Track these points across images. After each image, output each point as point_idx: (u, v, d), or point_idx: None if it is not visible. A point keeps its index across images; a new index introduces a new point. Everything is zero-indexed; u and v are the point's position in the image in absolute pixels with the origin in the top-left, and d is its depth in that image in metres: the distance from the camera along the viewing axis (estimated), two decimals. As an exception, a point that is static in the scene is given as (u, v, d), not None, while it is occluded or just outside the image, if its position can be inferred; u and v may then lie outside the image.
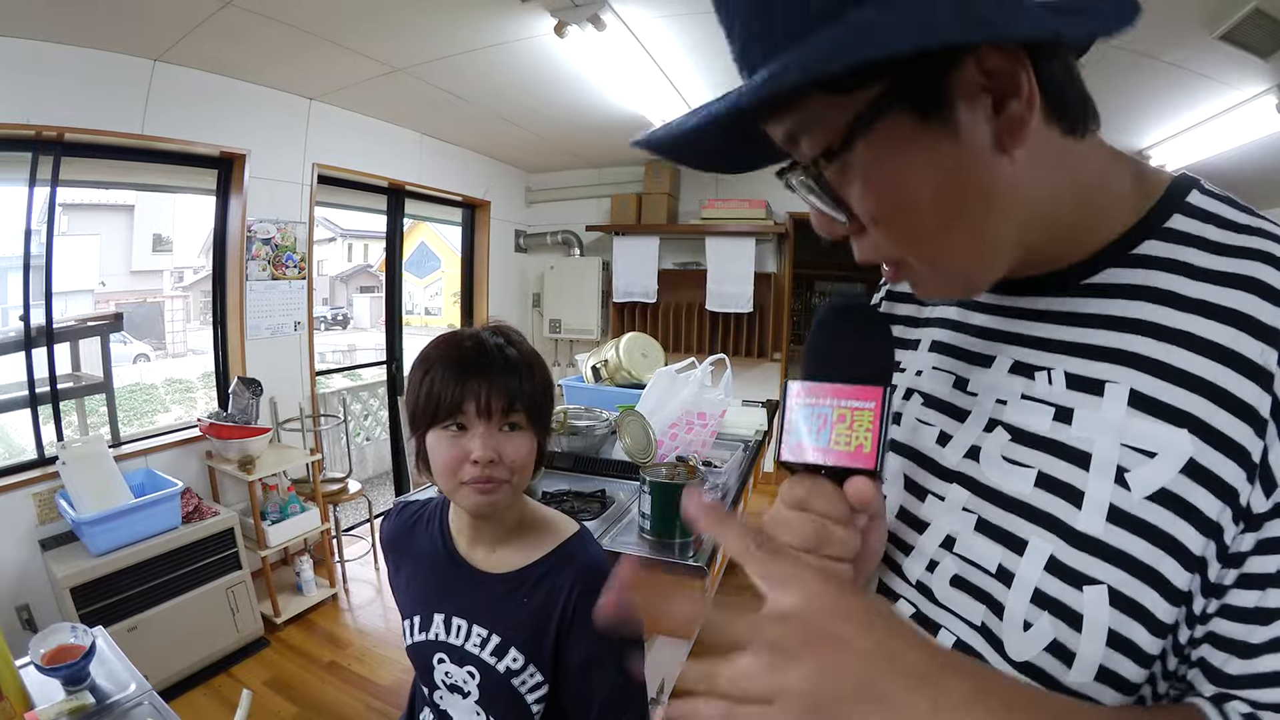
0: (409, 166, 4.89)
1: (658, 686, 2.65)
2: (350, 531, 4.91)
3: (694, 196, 5.78)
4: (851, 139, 0.51)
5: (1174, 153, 3.92)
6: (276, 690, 3.15)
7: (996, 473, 0.62)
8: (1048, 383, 0.61)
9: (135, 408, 7.08)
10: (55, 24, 2.76)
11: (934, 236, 0.56)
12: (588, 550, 1.22)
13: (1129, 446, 0.54)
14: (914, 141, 0.51)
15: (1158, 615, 0.52)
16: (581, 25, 2.73)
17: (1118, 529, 0.54)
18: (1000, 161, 0.52)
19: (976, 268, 0.59)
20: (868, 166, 0.53)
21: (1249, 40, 2.52)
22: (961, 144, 0.51)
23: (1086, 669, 0.54)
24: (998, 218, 0.55)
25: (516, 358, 1.11)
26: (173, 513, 3.12)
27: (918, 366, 0.75)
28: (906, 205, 0.54)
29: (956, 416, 0.68)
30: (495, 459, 1.06)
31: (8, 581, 2.89)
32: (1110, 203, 0.61)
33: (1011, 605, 0.58)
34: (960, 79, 0.49)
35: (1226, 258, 0.55)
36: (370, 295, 13.33)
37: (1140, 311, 0.57)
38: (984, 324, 0.69)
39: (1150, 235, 0.59)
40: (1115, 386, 0.56)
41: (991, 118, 0.51)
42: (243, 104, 3.66)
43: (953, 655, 0.49)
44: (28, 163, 3.03)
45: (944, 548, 0.65)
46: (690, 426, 2.70)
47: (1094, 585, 0.54)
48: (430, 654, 1.20)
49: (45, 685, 1.43)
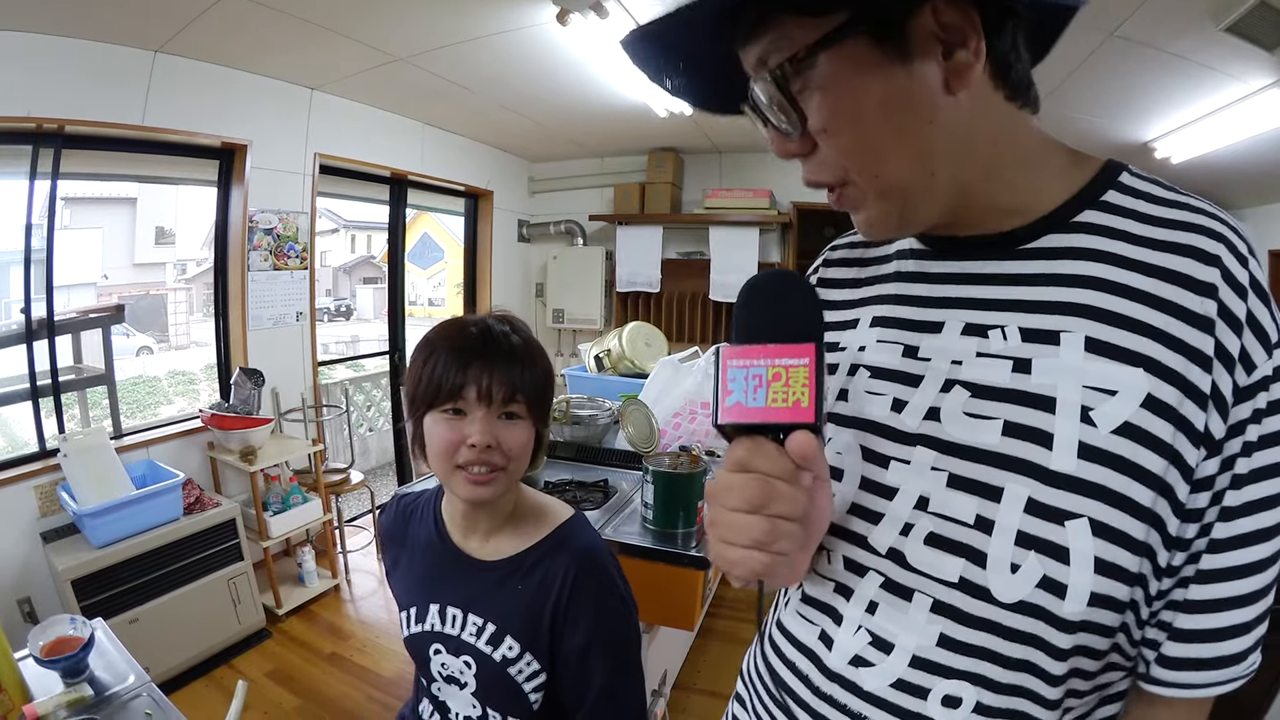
0: (411, 156, 4.87)
1: (659, 678, 2.65)
2: (353, 522, 4.92)
3: (697, 186, 5.75)
4: (815, 52, 0.58)
5: (1179, 145, 3.87)
6: (278, 682, 3.16)
7: (960, 429, 0.66)
8: (1002, 339, 0.66)
9: (138, 400, 7.10)
10: (55, 17, 2.74)
11: (878, 151, 0.62)
12: (582, 535, 1.22)
13: (1090, 387, 0.60)
14: (871, 65, 0.58)
15: (1136, 536, 0.58)
16: (584, 12, 2.71)
17: (1089, 464, 0.59)
18: (945, 99, 0.60)
19: (915, 195, 0.65)
20: (827, 79, 0.60)
21: (1255, 33, 2.49)
22: (913, 75, 0.58)
23: (1079, 597, 0.59)
24: (939, 148, 0.62)
25: (520, 346, 1.11)
26: (174, 504, 3.12)
27: (860, 343, 0.78)
28: (856, 117, 0.61)
29: (909, 383, 0.71)
30: (492, 445, 1.06)
31: (9, 574, 2.90)
32: (1048, 176, 0.67)
33: (995, 551, 0.62)
34: (917, 24, 0.57)
35: (1159, 228, 0.63)
36: (374, 286, 13.36)
37: (1086, 269, 0.63)
38: (928, 293, 0.73)
39: (1088, 206, 0.66)
40: (1070, 335, 0.62)
41: (942, 63, 0.59)
42: (244, 94, 3.64)
43: None
44: (28, 156, 3.02)
45: (919, 509, 0.67)
46: (693, 416, 2.70)
47: (1075, 519, 0.59)
48: (427, 645, 1.20)
49: (44, 677, 1.43)
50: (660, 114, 4.24)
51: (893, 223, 0.68)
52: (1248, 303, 0.59)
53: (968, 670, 0.63)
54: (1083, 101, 3.47)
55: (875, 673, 0.68)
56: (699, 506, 2.11)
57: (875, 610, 0.69)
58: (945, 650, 0.64)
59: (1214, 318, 0.59)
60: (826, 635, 0.74)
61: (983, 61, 0.58)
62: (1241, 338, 0.59)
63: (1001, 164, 0.65)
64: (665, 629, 2.55)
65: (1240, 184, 4.67)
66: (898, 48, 0.58)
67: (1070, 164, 0.68)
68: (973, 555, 0.63)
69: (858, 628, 0.70)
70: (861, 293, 0.82)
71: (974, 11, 0.57)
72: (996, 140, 0.64)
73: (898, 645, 0.67)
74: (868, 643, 0.69)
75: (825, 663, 0.73)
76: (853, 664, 0.70)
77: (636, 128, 4.78)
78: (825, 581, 0.75)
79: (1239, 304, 0.59)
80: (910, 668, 0.66)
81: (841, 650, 0.71)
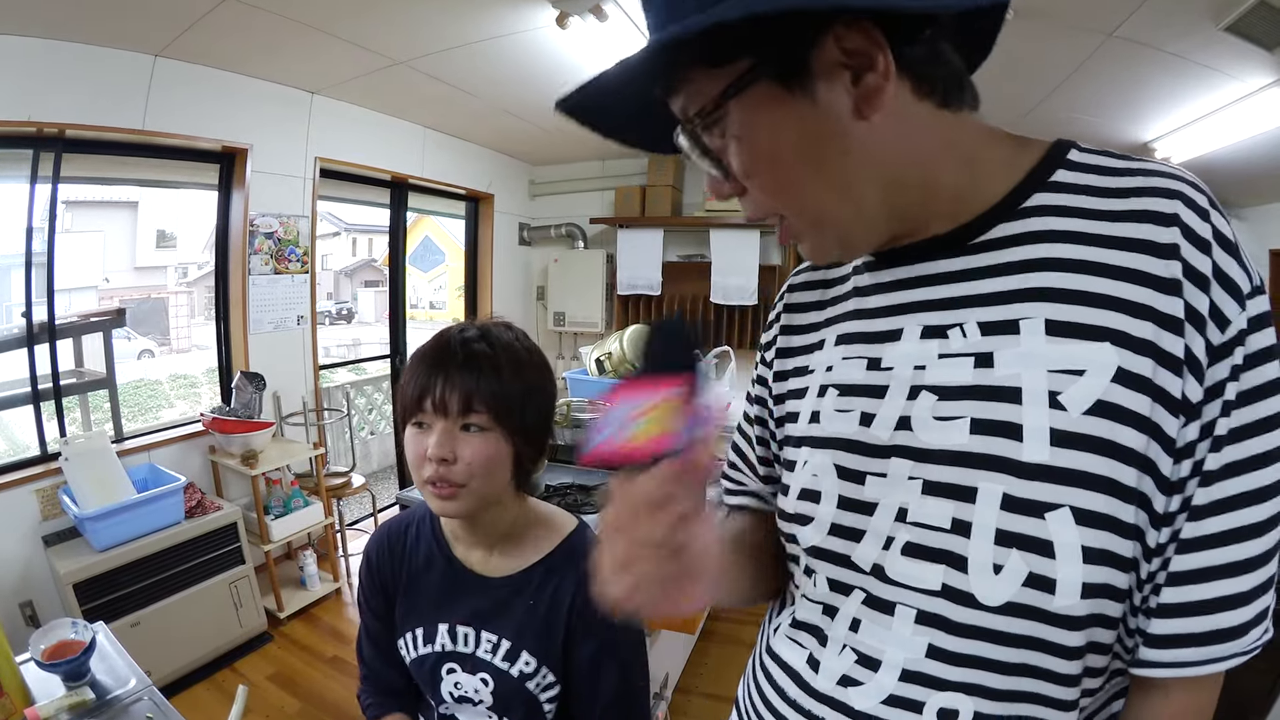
0: (411, 160, 4.87)
1: (661, 681, 2.65)
2: (354, 525, 4.91)
3: (698, 189, 5.74)
4: (722, 102, 0.59)
5: (1179, 145, 3.88)
6: (280, 685, 3.16)
7: (930, 434, 0.65)
8: (961, 336, 0.65)
9: (140, 403, 7.11)
10: (55, 21, 2.75)
11: (800, 190, 0.63)
12: (591, 545, 1.20)
13: (1055, 370, 0.59)
14: (778, 106, 0.58)
15: (1124, 519, 0.57)
16: (583, 16, 2.72)
17: (1064, 450, 0.58)
18: (858, 126, 0.59)
19: (848, 223, 0.65)
20: (740, 126, 0.60)
21: (1255, 32, 2.50)
22: (820, 109, 0.58)
23: (1071, 590, 0.57)
24: (860, 174, 0.61)
25: (485, 353, 1.05)
26: (176, 508, 3.12)
27: (827, 363, 0.77)
28: (772, 160, 0.61)
29: (875, 394, 0.70)
30: (448, 459, 1.01)
31: (11, 578, 2.89)
32: (993, 167, 0.66)
33: (975, 554, 0.60)
34: (821, 55, 0.56)
35: (1113, 199, 0.61)
36: (375, 290, 13.38)
37: (1041, 252, 0.62)
38: (882, 303, 0.72)
39: (1036, 189, 0.64)
40: (1029, 321, 0.61)
41: (851, 89, 0.58)
42: (244, 98, 3.65)
43: None
44: (29, 160, 3.02)
45: (899, 521, 0.66)
46: (693, 420, 2.70)
47: (1055, 510, 0.57)
48: (439, 666, 1.18)
49: (46, 681, 1.43)
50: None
51: (832, 251, 0.69)
52: (1213, 256, 0.57)
53: (962, 681, 0.62)
54: (1082, 101, 3.47)
55: (864, 691, 0.67)
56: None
57: (858, 627, 0.68)
58: (936, 661, 0.63)
59: (1180, 278, 0.57)
60: (813, 658, 0.73)
61: (893, 80, 0.57)
62: (1210, 293, 0.57)
63: (938, 172, 0.64)
64: (667, 632, 2.55)
65: (1240, 184, 4.67)
66: (802, 84, 0.57)
67: (1015, 150, 0.67)
68: (953, 560, 0.62)
69: (843, 647, 0.70)
70: (826, 314, 0.81)
71: (877, 31, 0.55)
72: (930, 152, 0.63)
73: (885, 661, 0.66)
74: (854, 661, 0.68)
75: (813, 685, 0.72)
76: (841, 684, 0.69)
77: (637, 130, 4.76)
78: (813, 604, 0.75)
79: (1203, 260, 0.57)
80: (901, 682, 0.65)
81: (828, 671, 0.71)
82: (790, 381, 0.83)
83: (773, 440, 0.89)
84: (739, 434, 0.97)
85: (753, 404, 0.93)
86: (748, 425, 0.95)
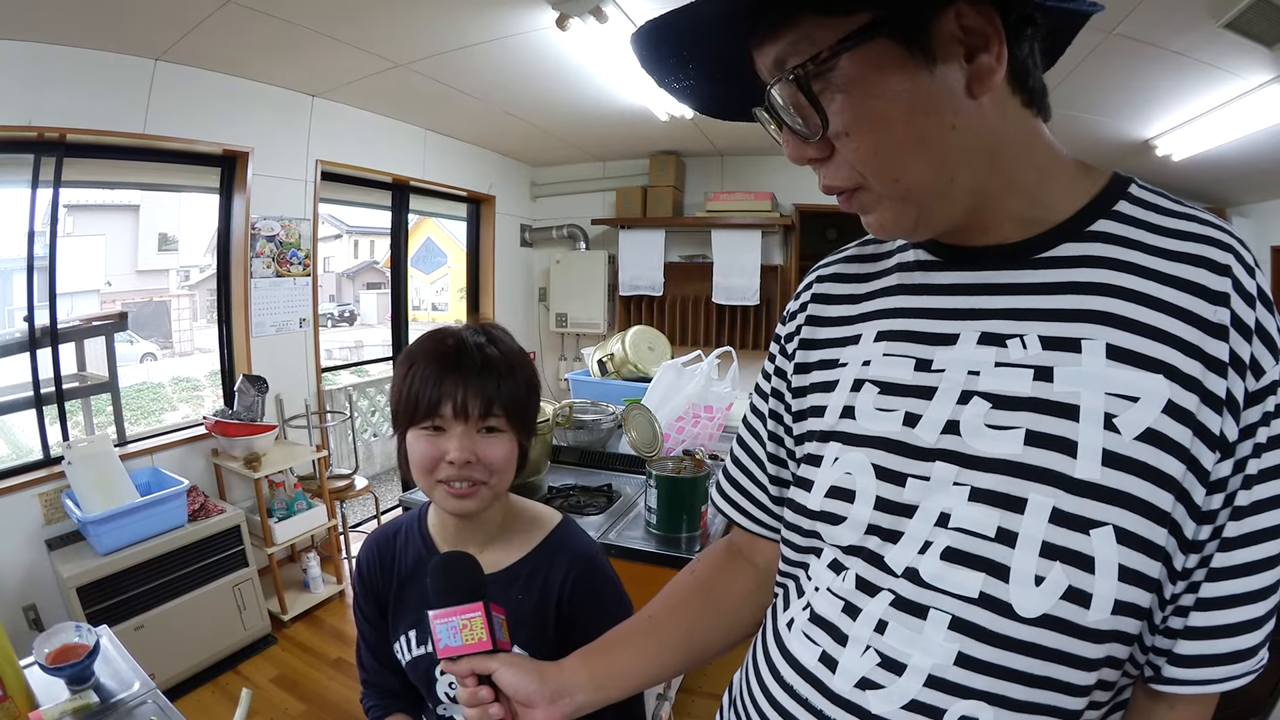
0: (413, 162, 4.87)
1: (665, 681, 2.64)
2: (357, 528, 4.90)
3: (699, 189, 5.76)
4: (838, 52, 0.58)
5: (1180, 143, 3.87)
6: (284, 687, 3.16)
7: (981, 441, 0.65)
8: (1022, 347, 0.65)
9: (143, 407, 7.11)
10: (56, 25, 2.75)
11: (899, 156, 0.62)
12: (576, 538, 1.22)
13: (1113, 394, 0.61)
14: (895, 67, 0.58)
15: (1157, 542, 0.59)
16: (583, 18, 2.71)
17: (1114, 471, 0.59)
18: (967, 103, 0.60)
19: (934, 199, 0.64)
20: (849, 80, 0.59)
21: (1254, 29, 2.49)
22: (935, 79, 0.58)
23: (1104, 606, 0.59)
24: (958, 153, 0.62)
25: (497, 358, 1.08)
26: (179, 511, 3.12)
27: (864, 358, 0.76)
28: (879, 121, 0.60)
29: (922, 396, 0.69)
30: (472, 460, 1.04)
31: (14, 582, 2.90)
32: (1060, 184, 0.68)
33: (1019, 564, 0.61)
34: (940, 27, 0.57)
35: (1170, 238, 0.64)
36: (377, 292, 13.38)
37: (1104, 277, 0.64)
38: (938, 305, 0.72)
39: (1102, 216, 0.66)
40: (1091, 343, 0.62)
41: (964, 66, 0.59)
42: (245, 101, 3.65)
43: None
44: (30, 164, 3.02)
45: (939, 526, 0.65)
46: (697, 420, 2.70)
47: (1100, 527, 0.59)
48: (433, 667, 1.18)
49: (50, 685, 1.43)
50: (661, 118, 4.23)
51: (908, 226, 0.67)
52: (1256, 311, 0.61)
53: (986, 690, 0.62)
54: (1083, 100, 3.46)
55: (884, 695, 0.66)
56: (702, 510, 2.11)
57: (885, 630, 0.67)
58: (963, 669, 0.62)
59: (1227, 325, 0.61)
60: (829, 656, 0.71)
61: (1004, 66, 0.59)
62: (1251, 344, 0.61)
63: (1020, 171, 0.65)
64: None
65: (1241, 180, 4.66)
66: (921, 50, 0.57)
67: (1079, 174, 0.68)
68: (994, 569, 0.61)
69: (865, 648, 0.68)
70: (861, 308, 0.80)
71: (996, 16, 0.57)
72: (1016, 147, 0.64)
73: (911, 666, 0.65)
74: (876, 664, 0.67)
75: (828, 685, 0.70)
76: (859, 686, 0.67)
77: (638, 131, 4.77)
78: (835, 599, 0.72)
79: (1249, 312, 0.61)
80: (926, 688, 0.64)
81: (847, 672, 0.69)
82: (815, 374, 0.82)
83: (788, 436, 0.87)
84: (745, 429, 0.96)
85: (766, 399, 0.91)
86: (757, 421, 0.93)
